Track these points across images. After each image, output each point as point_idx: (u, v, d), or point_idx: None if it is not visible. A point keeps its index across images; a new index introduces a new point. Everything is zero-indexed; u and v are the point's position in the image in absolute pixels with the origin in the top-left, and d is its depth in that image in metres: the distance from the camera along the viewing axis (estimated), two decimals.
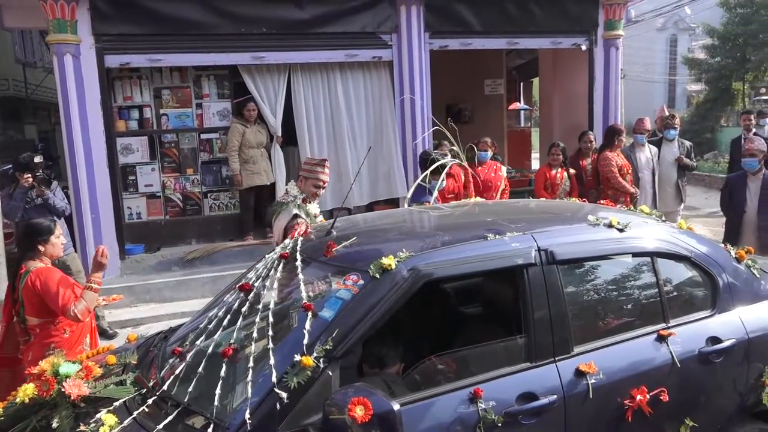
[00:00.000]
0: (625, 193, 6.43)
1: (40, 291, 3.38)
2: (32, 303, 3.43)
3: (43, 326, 3.46)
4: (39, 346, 3.42)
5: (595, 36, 7.91)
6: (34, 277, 3.42)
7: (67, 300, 3.33)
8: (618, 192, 6.41)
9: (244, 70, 6.89)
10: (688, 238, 3.04)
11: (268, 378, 2.10)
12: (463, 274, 2.60)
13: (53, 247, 3.59)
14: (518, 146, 12.32)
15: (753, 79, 25.22)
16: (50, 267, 3.57)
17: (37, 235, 3.54)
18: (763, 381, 2.82)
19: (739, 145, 7.73)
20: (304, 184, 4.26)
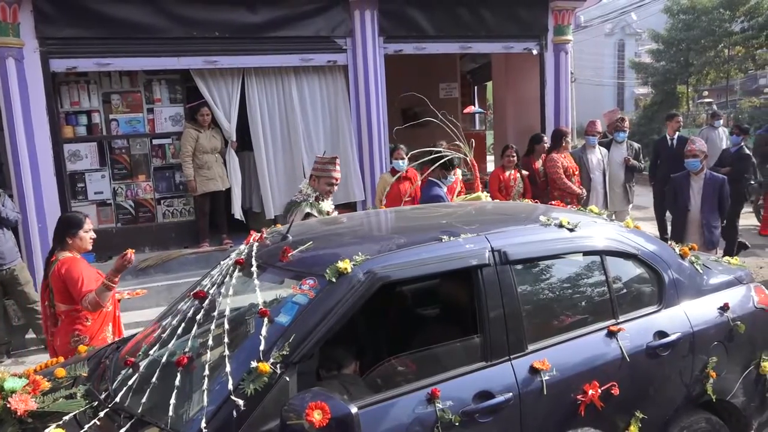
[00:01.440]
0: (571, 194, 6.61)
1: (64, 278, 3.61)
2: (59, 290, 3.67)
3: (68, 313, 3.68)
4: (65, 332, 3.68)
5: (546, 41, 8.10)
6: (60, 264, 3.66)
7: (84, 289, 3.54)
8: (564, 193, 6.58)
9: (197, 75, 6.79)
10: (635, 237, 3.14)
11: (225, 385, 2.07)
12: (418, 275, 2.62)
13: (81, 240, 3.78)
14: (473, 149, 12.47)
15: (696, 83, 26.26)
16: (76, 257, 3.77)
17: (67, 227, 3.79)
18: (707, 372, 2.93)
19: (665, 145, 8.04)
20: (318, 182, 4.43)
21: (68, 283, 3.60)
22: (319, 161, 4.55)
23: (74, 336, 3.62)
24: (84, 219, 3.83)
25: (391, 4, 7.22)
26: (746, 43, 23.77)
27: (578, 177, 6.86)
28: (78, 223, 3.79)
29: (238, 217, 7.21)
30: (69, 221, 3.86)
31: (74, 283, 3.57)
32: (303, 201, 4.34)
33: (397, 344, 2.78)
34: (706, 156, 5.61)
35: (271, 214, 7.15)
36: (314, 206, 4.31)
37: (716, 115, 10.24)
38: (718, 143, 9.71)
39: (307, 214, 4.21)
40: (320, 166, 4.50)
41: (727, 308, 3.09)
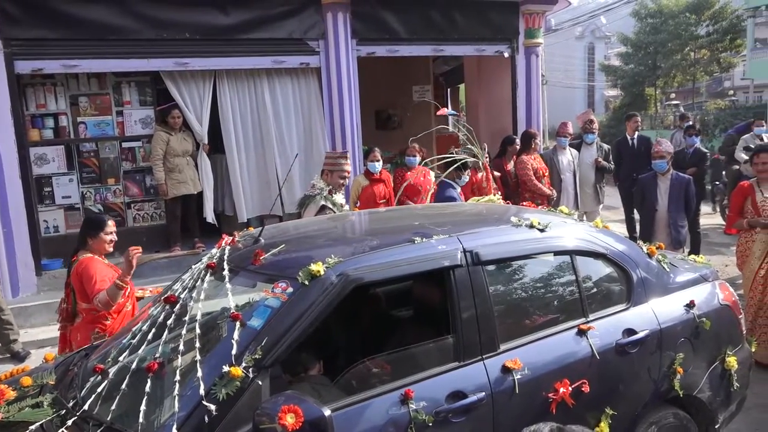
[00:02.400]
0: (542, 195, 6.70)
1: (81, 277, 3.69)
2: (78, 289, 3.74)
3: (89, 311, 3.75)
4: (85, 329, 3.74)
5: (517, 44, 8.20)
6: (79, 264, 3.74)
7: (96, 288, 3.61)
8: (535, 194, 6.66)
9: (167, 77, 6.70)
10: (604, 236, 3.20)
11: (196, 391, 2.05)
12: (391, 277, 2.63)
13: (100, 242, 3.82)
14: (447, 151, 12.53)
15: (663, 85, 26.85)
16: (94, 257, 3.81)
17: (87, 228, 3.89)
18: (674, 368, 2.99)
19: (626, 145, 8.21)
20: (331, 176, 4.65)
21: (84, 282, 3.68)
22: (331, 156, 4.82)
23: (95, 333, 3.66)
24: (106, 221, 3.90)
25: (364, 7, 7.23)
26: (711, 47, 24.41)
27: (548, 178, 6.95)
28: (99, 225, 3.86)
29: (211, 220, 7.15)
30: (90, 222, 3.98)
31: (88, 282, 3.66)
32: (318, 194, 4.52)
33: (371, 346, 2.78)
34: (672, 157, 5.73)
35: (243, 218, 7.10)
36: (328, 199, 4.51)
37: (685, 118, 10.48)
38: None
39: (322, 207, 4.43)
40: (332, 161, 4.73)
41: (693, 305, 3.16)
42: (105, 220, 3.91)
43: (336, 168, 4.65)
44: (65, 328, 4.02)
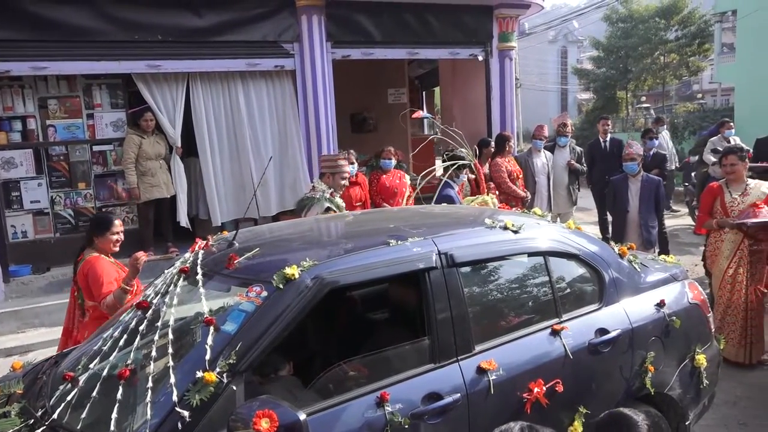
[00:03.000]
0: (516, 197, 6.76)
1: (87, 277, 3.69)
2: (84, 288, 3.76)
3: (95, 308, 3.74)
4: (93, 325, 3.66)
5: (491, 47, 8.28)
6: (85, 264, 3.74)
7: (104, 292, 3.60)
8: (509, 196, 6.73)
9: (140, 79, 6.62)
10: (577, 238, 3.24)
11: (169, 397, 2.03)
12: (367, 280, 2.63)
13: (106, 242, 3.80)
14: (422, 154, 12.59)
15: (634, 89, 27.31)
16: (100, 257, 3.79)
17: (94, 227, 3.88)
18: (645, 367, 3.05)
19: (598, 147, 8.36)
20: (332, 179, 4.75)
21: (91, 284, 3.69)
22: (329, 159, 4.95)
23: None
24: (113, 221, 3.87)
25: (339, 10, 7.23)
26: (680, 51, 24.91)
27: (522, 180, 7.03)
28: (106, 224, 3.84)
29: (184, 224, 7.06)
30: (97, 222, 3.99)
31: (96, 285, 3.66)
32: (321, 197, 4.59)
33: (347, 349, 2.77)
34: (642, 159, 5.84)
35: (217, 221, 7.03)
36: (332, 201, 4.60)
37: (660, 121, 10.66)
38: (665, 147, 10.13)
39: (327, 209, 4.50)
40: (332, 163, 4.84)
41: (663, 305, 3.22)
42: (112, 219, 3.89)
43: (336, 170, 4.76)
44: (71, 323, 4.03)
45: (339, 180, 4.75)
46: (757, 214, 4.53)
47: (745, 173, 4.84)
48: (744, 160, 4.80)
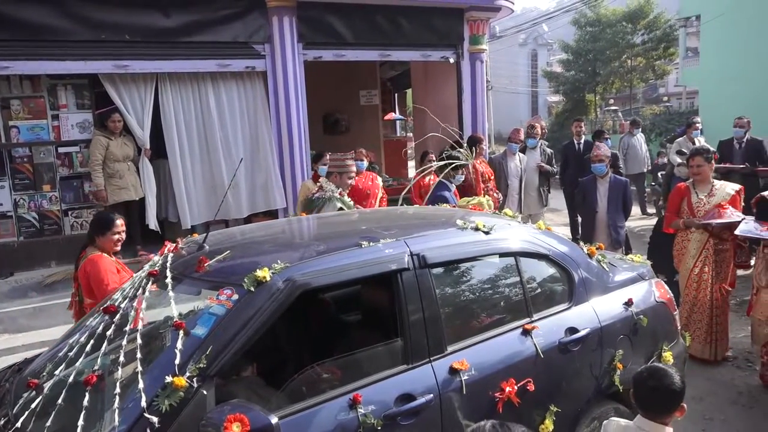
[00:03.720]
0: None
1: (89, 276, 3.73)
2: (84, 285, 3.81)
3: (92, 305, 3.65)
4: None
5: (462, 50, 8.33)
6: (87, 262, 3.78)
7: (109, 290, 3.54)
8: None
9: (107, 79, 6.49)
10: (547, 238, 3.28)
11: (138, 403, 1.99)
12: (339, 282, 2.62)
13: (107, 241, 3.86)
14: (394, 155, 12.63)
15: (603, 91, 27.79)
16: (103, 256, 3.83)
17: (95, 227, 3.93)
18: (614, 364, 3.10)
19: (572, 149, 8.50)
20: (340, 178, 4.89)
21: (93, 282, 3.73)
22: (336, 159, 5.10)
23: None
24: (114, 221, 3.91)
25: (310, 11, 7.20)
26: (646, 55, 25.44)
27: (494, 182, 7.09)
28: (106, 224, 3.89)
29: (153, 227, 6.94)
30: (98, 221, 4.02)
31: (98, 284, 3.69)
32: (332, 196, 4.72)
33: (319, 351, 2.77)
34: (610, 160, 5.94)
35: (187, 224, 6.92)
36: (343, 201, 4.74)
37: (636, 123, 10.86)
38: (639, 149, 10.33)
39: (339, 209, 4.64)
40: (340, 162, 5.00)
41: (631, 303, 3.28)
42: (113, 219, 3.93)
43: (344, 169, 4.92)
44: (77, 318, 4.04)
45: (346, 179, 4.91)
46: (722, 214, 4.65)
47: (711, 174, 4.95)
48: (710, 161, 4.91)
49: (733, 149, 7.72)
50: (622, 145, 10.59)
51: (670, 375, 2.27)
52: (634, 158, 10.31)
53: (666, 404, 2.26)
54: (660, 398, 2.25)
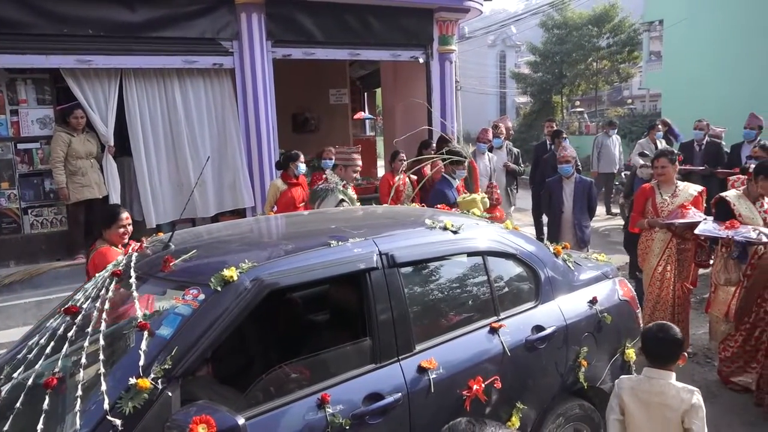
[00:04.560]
0: None
1: (97, 268, 3.64)
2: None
3: None
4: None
5: (431, 50, 8.37)
6: (96, 254, 3.87)
7: None
8: None
9: (69, 74, 6.32)
10: (514, 238, 3.32)
11: (100, 405, 1.95)
12: (307, 281, 2.60)
13: (113, 234, 3.93)
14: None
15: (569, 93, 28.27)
16: (110, 248, 3.90)
17: (102, 220, 4.03)
18: (579, 362, 3.16)
19: (543, 150, 8.63)
20: (345, 171, 5.09)
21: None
22: (343, 152, 5.29)
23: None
24: (119, 214, 3.99)
25: (279, 8, 7.14)
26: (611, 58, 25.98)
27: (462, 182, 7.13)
28: (111, 218, 3.98)
29: None
30: (104, 215, 4.11)
31: None
32: (334, 189, 4.86)
33: (288, 351, 2.75)
34: (577, 161, 6.04)
35: (152, 223, 6.80)
36: (345, 193, 4.88)
37: (612, 124, 11.04)
38: (612, 149, 10.51)
39: (341, 201, 4.78)
40: (346, 156, 5.20)
41: (595, 301, 3.35)
42: (119, 213, 4.02)
43: (350, 163, 5.11)
44: None
45: (351, 173, 5.09)
46: (685, 214, 4.77)
47: (675, 175, 5.08)
48: (674, 162, 5.03)
49: (693, 151, 7.94)
50: (596, 144, 10.74)
51: (673, 328, 2.78)
52: (606, 158, 10.48)
53: (671, 352, 2.74)
54: (666, 347, 2.74)
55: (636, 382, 2.78)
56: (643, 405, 2.71)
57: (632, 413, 2.72)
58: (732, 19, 14.69)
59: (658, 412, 2.67)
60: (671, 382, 2.70)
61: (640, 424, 2.70)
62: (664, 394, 2.68)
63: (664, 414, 2.65)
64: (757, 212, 4.47)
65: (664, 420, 2.65)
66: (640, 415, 2.70)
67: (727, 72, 14.69)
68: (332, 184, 4.92)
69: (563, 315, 3.18)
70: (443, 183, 5.76)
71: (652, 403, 2.69)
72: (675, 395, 2.66)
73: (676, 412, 2.64)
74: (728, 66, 14.68)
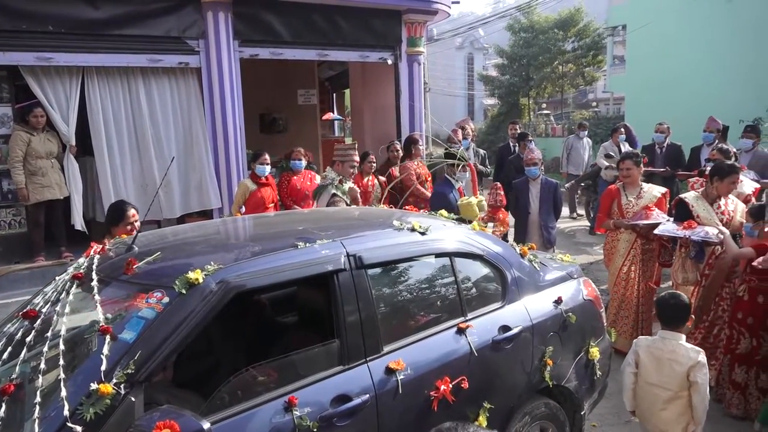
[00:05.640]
0: (424, 199, 6.90)
1: None
2: None
3: None
4: None
5: (399, 51, 8.40)
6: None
7: None
8: (418, 198, 6.85)
9: (28, 72, 6.15)
10: (481, 239, 3.35)
11: (60, 412, 1.90)
12: (274, 283, 2.57)
13: (122, 231, 3.87)
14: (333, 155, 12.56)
15: (536, 96, 28.69)
16: None
17: (110, 217, 4.05)
18: (545, 361, 3.20)
19: (507, 152, 8.74)
20: (342, 167, 5.27)
21: None
22: (341, 148, 5.47)
23: None
24: (126, 212, 3.98)
25: (246, 8, 7.08)
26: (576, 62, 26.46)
27: (431, 183, 7.17)
28: (119, 215, 3.98)
29: (80, 227, 6.63)
30: (111, 212, 4.09)
31: None
32: (329, 184, 5.00)
33: (255, 353, 2.72)
34: (543, 163, 6.13)
35: None
36: (339, 188, 4.98)
37: (582, 126, 11.20)
38: (582, 152, 10.67)
39: (333, 195, 4.87)
40: (343, 152, 5.39)
41: (560, 301, 3.40)
42: (126, 210, 4.01)
43: (347, 158, 5.28)
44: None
45: (348, 168, 5.27)
46: (649, 215, 4.90)
47: (639, 177, 5.19)
48: (639, 165, 5.15)
49: (654, 153, 8.12)
50: (566, 146, 10.89)
51: (682, 295, 3.34)
52: (575, 160, 10.64)
53: (681, 315, 3.26)
54: (678, 311, 3.26)
55: (652, 341, 3.32)
56: (655, 360, 3.23)
57: (645, 366, 3.26)
58: (693, 25, 15.12)
59: (668, 367, 3.17)
60: (681, 343, 3.20)
61: (651, 375, 3.23)
62: (675, 351, 3.18)
63: (673, 368, 3.16)
64: (714, 213, 4.60)
65: (672, 372, 3.16)
66: (652, 368, 3.23)
67: (688, 76, 15.10)
68: (328, 180, 5.08)
69: (529, 315, 3.22)
70: (444, 185, 5.75)
71: (663, 358, 3.20)
72: (684, 353, 3.16)
73: (684, 366, 3.13)
74: (689, 70, 15.10)
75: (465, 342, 2.87)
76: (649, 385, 3.24)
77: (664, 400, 3.19)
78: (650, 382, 3.24)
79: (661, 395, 3.20)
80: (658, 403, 3.22)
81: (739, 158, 6.73)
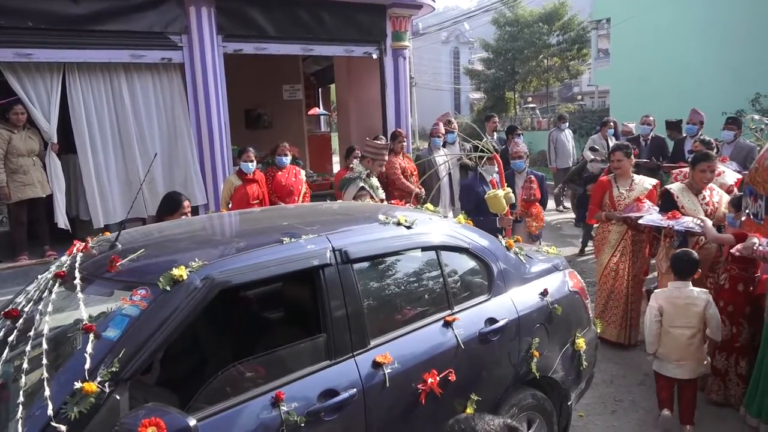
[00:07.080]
0: (409, 193, 6.90)
1: None
2: None
3: None
4: None
5: (384, 46, 8.38)
6: None
7: None
8: (404, 192, 6.85)
9: (7, 69, 6.07)
10: (467, 232, 3.36)
11: (44, 411, 1.88)
12: (260, 279, 2.56)
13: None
14: (319, 150, 12.57)
15: (521, 89, 28.78)
16: None
17: (164, 207, 4.18)
18: (531, 352, 3.22)
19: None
20: (372, 164, 5.46)
21: None
22: (374, 146, 5.59)
23: None
24: (181, 203, 4.14)
25: (230, 2, 7.03)
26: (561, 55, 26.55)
27: (417, 177, 7.18)
28: (174, 205, 4.13)
29: (63, 226, 6.56)
30: (167, 201, 4.22)
31: None
32: (356, 177, 5.15)
33: (241, 349, 2.71)
34: (528, 156, 6.15)
35: (99, 223, 6.59)
36: (366, 182, 5.15)
37: (563, 118, 11.22)
38: (566, 144, 10.71)
39: (361, 188, 5.07)
40: (376, 150, 5.54)
41: (546, 293, 3.42)
42: (181, 201, 4.16)
43: (378, 158, 5.51)
44: None
45: (377, 166, 5.53)
46: (640, 208, 4.95)
47: (630, 169, 5.22)
48: (629, 156, 5.18)
49: (639, 146, 8.18)
50: (551, 140, 10.92)
51: (693, 252, 4.04)
52: (562, 152, 10.68)
53: (692, 268, 3.94)
54: (690, 265, 3.93)
55: (668, 292, 3.96)
56: (674, 306, 3.88)
57: (668, 312, 3.90)
58: (677, 18, 15.21)
59: (686, 309, 3.84)
60: (692, 288, 3.89)
61: (675, 320, 3.86)
62: (689, 297, 3.86)
63: (691, 309, 3.83)
64: (698, 204, 4.65)
65: (689, 313, 3.83)
66: (674, 312, 3.88)
67: (672, 69, 15.20)
68: (356, 173, 5.24)
69: (515, 307, 3.24)
70: (474, 178, 5.61)
71: (680, 304, 3.86)
72: (697, 296, 3.85)
73: (699, 306, 3.82)
74: (673, 63, 15.20)
75: (452, 335, 2.88)
76: (674, 328, 3.85)
77: (689, 336, 3.82)
78: (675, 326, 3.85)
79: (686, 333, 3.82)
80: (683, 340, 3.82)
81: (721, 150, 6.80)
